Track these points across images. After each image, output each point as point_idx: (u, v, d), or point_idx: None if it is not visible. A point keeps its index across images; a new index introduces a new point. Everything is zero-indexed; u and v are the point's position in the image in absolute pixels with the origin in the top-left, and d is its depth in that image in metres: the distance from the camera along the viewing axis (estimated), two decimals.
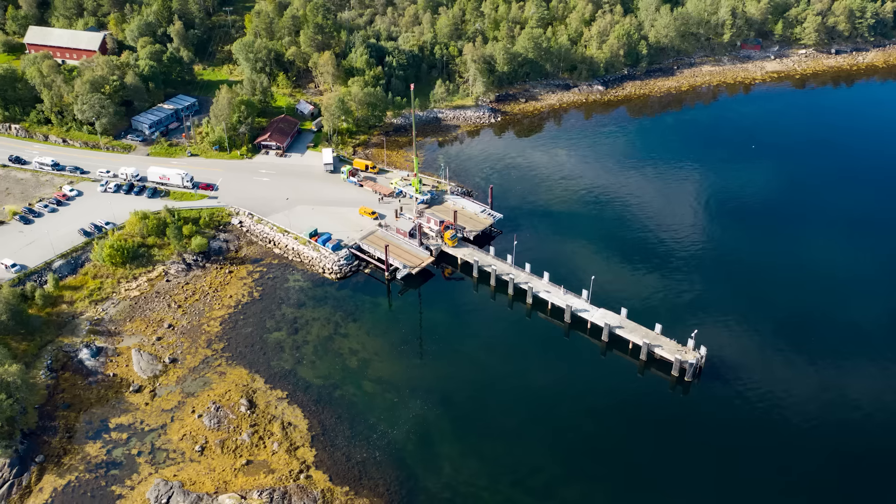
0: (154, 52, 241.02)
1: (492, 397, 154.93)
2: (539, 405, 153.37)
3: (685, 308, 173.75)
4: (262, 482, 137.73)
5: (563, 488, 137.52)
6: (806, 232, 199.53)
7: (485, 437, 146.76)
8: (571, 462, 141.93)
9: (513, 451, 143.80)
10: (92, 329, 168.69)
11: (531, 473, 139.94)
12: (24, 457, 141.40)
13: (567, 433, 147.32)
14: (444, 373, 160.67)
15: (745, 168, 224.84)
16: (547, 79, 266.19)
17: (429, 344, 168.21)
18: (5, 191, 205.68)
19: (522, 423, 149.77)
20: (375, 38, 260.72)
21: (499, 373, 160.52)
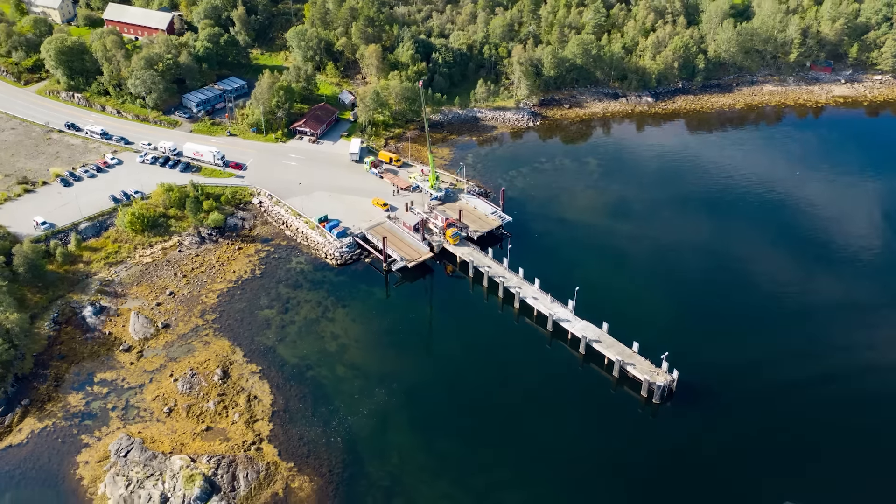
0: (212, 35, 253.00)
1: (458, 396, 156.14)
2: (502, 410, 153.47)
3: (672, 330, 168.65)
4: (215, 448, 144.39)
5: (502, 493, 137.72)
6: (835, 269, 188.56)
7: (440, 433, 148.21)
8: (519, 468, 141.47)
9: (463, 450, 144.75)
10: (101, 289, 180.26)
11: (474, 474, 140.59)
12: (12, 399, 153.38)
13: (524, 440, 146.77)
14: (418, 367, 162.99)
15: (782, 195, 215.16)
16: (596, 86, 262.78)
17: (410, 337, 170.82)
18: (55, 154, 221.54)
19: (481, 425, 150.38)
20: (426, 35, 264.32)
21: (471, 373, 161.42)
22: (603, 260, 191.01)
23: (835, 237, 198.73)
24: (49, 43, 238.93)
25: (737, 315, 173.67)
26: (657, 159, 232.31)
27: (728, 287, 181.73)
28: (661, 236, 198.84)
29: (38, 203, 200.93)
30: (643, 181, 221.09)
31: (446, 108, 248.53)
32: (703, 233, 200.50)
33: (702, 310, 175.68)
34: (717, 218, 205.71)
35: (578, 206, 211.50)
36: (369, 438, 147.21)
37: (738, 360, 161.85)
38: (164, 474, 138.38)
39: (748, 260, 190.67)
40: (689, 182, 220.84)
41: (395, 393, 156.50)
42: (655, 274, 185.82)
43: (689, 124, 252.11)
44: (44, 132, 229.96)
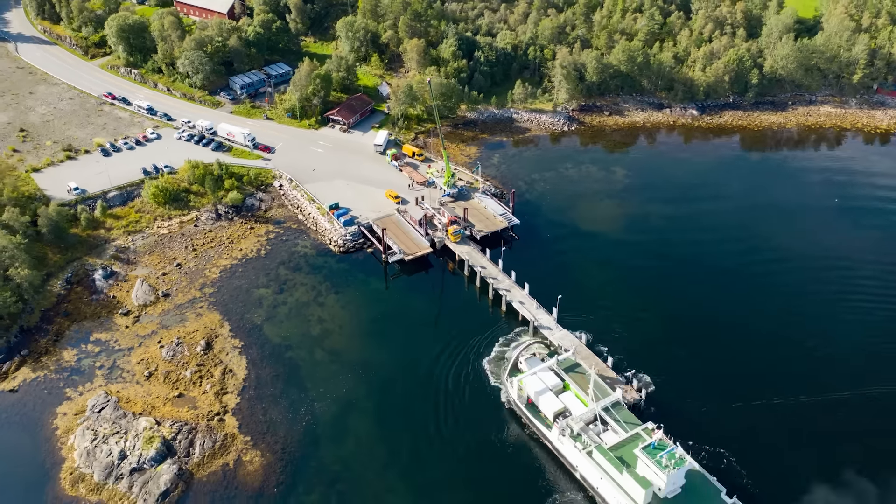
0: (265, 21, 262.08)
1: (430, 394, 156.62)
2: (467, 412, 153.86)
3: (654, 351, 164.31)
4: (181, 415, 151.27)
5: (447, 493, 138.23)
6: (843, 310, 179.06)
7: (402, 428, 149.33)
8: (471, 473, 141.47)
9: (422, 447, 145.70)
10: (115, 255, 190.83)
11: (425, 471, 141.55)
12: (13, 348, 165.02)
13: (484, 446, 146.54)
14: (393, 359, 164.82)
15: (812, 224, 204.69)
16: (641, 95, 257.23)
17: (394, 329, 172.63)
18: (103, 125, 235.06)
19: (443, 424, 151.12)
20: (473, 32, 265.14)
21: (447, 372, 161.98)
22: (603, 272, 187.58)
23: (862, 274, 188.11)
24: (112, 20, 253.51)
25: (728, 346, 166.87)
26: (688, 175, 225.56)
27: (724, 317, 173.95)
28: (671, 256, 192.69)
29: (77, 169, 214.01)
30: (667, 196, 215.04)
31: (482, 107, 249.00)
32: (715, 258, 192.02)
33: (689, 335, 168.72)
34: (735, 243, 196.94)
35: (593, 215, 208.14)
36: (330, 423, 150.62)
37: (712, 387, 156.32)
38: (128, 433, 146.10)
39: (754, 293, 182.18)
40: (715, 202, 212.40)
41: (366, 382, 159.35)
42: (653, 294, 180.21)
43: (732, 141, 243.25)
44: (97, 104, 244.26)
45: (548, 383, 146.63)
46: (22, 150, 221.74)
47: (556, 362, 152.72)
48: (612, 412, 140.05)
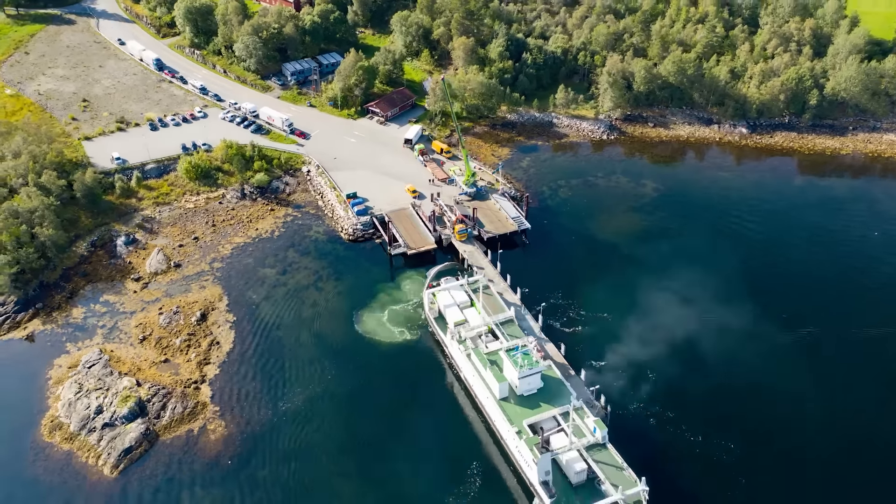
0: (324, 11, 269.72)
1: (404, 390, 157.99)
2: (437, 409, 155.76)
3: (632, 369, 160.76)
4: (161, 379, 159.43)
5: (403, 486, 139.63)
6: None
7: (368, 416, 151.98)
8: (424, 475, 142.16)
9: (384, 436, 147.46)
10: (141, 224, 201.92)
11: (384, 461, 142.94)
12: (30, 300, 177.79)
13: (435, 449, 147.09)
14: (378, 352, 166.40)
15: (848, 258, 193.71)
16: (691, 108, 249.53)
17: (386, 321, 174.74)
18: (157, 101, 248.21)
19: (411, 417, 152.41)
20: (525, 34, 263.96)
21: (426, 371, 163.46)
22: (604, 286, 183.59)
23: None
24: (181, 2, 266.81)
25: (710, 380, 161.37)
26: (721, 195, 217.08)
27: (718, 355, 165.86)
28: (682, 279, 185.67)
29: (123, 141, 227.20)
30: (694, 215, 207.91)
31: (523, 109, 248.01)
32: (727, 287, 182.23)
33: (672, 362, 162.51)
34: (754, 273, 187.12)
35: (610, 227, 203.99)
36: (299, 403, 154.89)
37: (683, 413, 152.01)
38: (109, 390, 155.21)
39: (763, 327, 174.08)
40: (744, 226, 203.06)
41: (345, 369, 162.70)
42: (650, 315, 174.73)
43: (779, 163, 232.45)
44: (157, 80, 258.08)
45: (456, 299, 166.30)
46: (80, 119, 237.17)
47: (467, 283, 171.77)
48: (502, 328, 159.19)
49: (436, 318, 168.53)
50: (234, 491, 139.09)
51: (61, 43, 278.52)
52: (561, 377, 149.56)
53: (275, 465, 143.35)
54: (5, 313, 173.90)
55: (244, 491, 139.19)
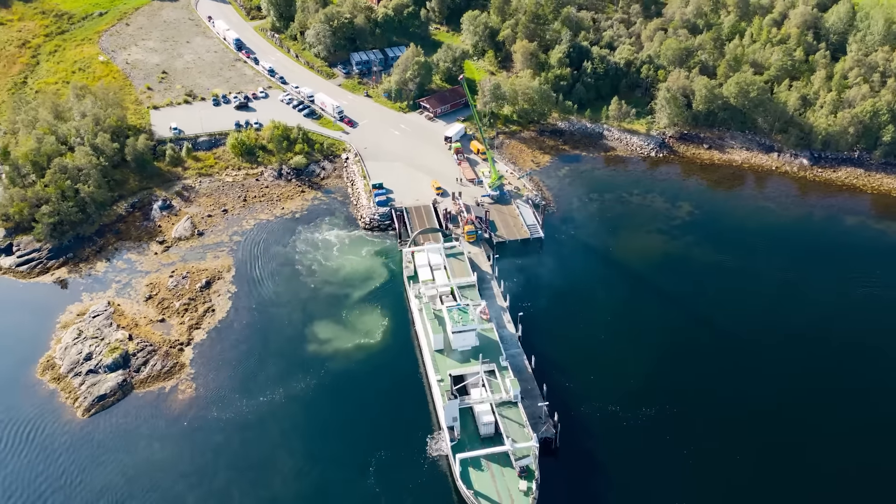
0: (398, 6, 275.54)
1: (378, 383, 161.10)
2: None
3: (599, 392, 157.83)
4: (152, 336, 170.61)
5: (350, 483, 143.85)
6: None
7: (335, 405, 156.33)
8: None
9: (344, 427, 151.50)
10: (179, 192, 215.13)
11: (342, 455, 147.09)
12: (63, 250, 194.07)
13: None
14: (362, 336, 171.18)
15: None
16: (753, 133, 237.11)
17: (377, 312, 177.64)
18: (227, 79, 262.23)
19: (380, 414, 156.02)
20: (592, 43, 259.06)
21: (403, 368, 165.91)
22: (600, 307, 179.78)
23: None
24: None
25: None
26: (760, 226, 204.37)
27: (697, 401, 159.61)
28: (686, 314, 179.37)
29: (186, 112, 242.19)
30: (721, 246, 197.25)
31: (575, 118, 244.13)
32: (738, 328, 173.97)
33: (642, 400, 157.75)
34: (774, 316, 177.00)
35: (630, 246, 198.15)
36: (270, 378, 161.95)
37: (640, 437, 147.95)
38: (104, 340, 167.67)
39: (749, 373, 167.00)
40: (773, 265, 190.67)
41: (324, 351, 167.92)
42: (634, 346, 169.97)
43: (835, 201, 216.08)
44: (233, 60, 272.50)
45: (431, 261, 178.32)
46: (155, 89, 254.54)
47: (443, 248, 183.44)
48: (462, 291, 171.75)
49: (410, 277, 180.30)
50: (185, 450, 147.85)
51: (160, 18, 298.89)
52: (497, 341, 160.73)
53: (229, 433, 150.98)
54: (38, 258, 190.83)
55: (194, 452, 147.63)
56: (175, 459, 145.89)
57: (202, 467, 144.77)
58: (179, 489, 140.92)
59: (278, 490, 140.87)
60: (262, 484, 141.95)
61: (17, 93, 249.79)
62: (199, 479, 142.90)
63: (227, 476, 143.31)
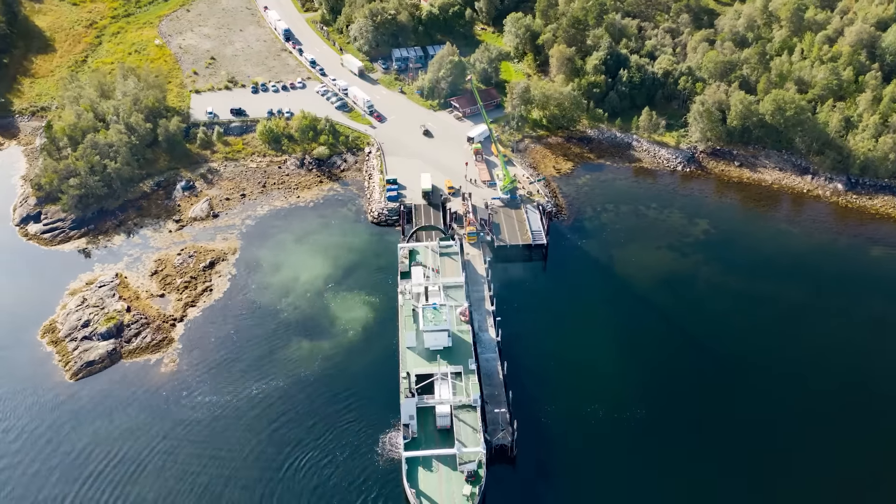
0: (443, 4, 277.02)
1: (355, 377, 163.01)
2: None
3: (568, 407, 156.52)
4: (148, 310, 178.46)
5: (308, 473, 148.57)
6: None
7: (310, 395, 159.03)
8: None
9: (311, 428, 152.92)
10: (204, 174, 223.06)
11: (296, 449, 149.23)
12: (85, 221, 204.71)
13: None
14: (344, 338, 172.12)
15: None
16: (789, 153, 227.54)
17: (367, 307, 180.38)
18: (270, 68, 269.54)
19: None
20: (632, 51, 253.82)
21: (381, 363, 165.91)
22: (588, 320, 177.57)
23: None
24: None
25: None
26: (776, 252, 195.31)
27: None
28: (681, 330, 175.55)
29: (224, 98, 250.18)
30: (732, 267, 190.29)
31: (605, 127, 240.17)
32: (736, 355, 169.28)
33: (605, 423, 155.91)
34: (774, 350, 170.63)
35: (636, 260, 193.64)
36: (251, 363, 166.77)
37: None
38: (103, 309, 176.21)
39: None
40: (782, 293, 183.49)
41: (306, 340, 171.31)
42: (626, 357, 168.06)
43: (865, 230, 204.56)
44: (279, 50, 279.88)
45: (426, 258, 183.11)
46: (200, 73, 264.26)
47: (437, 246, 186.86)
48: (447, 291, 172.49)
49: (403, 273, 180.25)
50: (156, 421, 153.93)
51: (219, 5, 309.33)
52: (471, 343, 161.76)
53: (202, 410, 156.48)
54: (62, 228, 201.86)
55: (165, 425, 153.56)
56: (146, 428, 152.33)
57: (170, 439, 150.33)
58: (144, 457, 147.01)
59: (235, 469, 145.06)
60: (221, 462, 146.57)
61: (75, 70, 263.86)
62: (165, 449, 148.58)
63: (191, 450, 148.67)
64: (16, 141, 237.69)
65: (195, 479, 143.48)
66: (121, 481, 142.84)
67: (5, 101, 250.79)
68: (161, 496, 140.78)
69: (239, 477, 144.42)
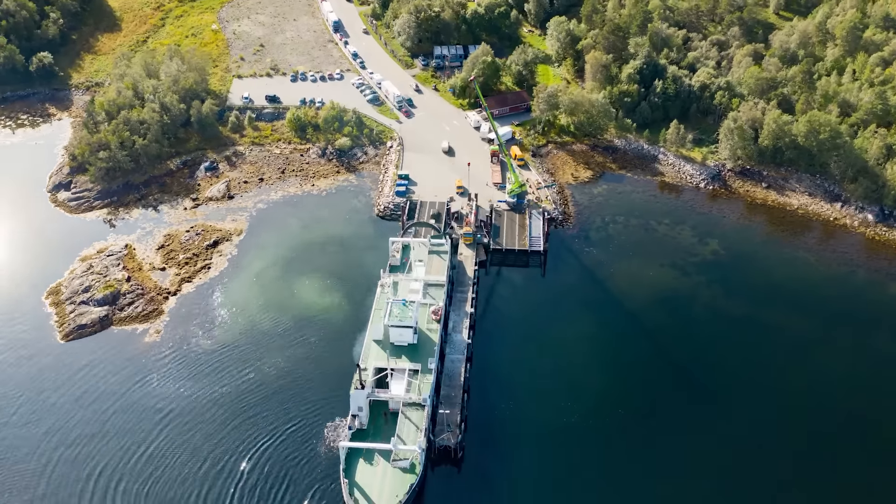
0: (490, 5, 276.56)
1: (325, 365, 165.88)
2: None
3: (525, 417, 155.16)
4: (146, 282, 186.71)
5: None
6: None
7: (275, 388, 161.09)
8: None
9: (271, 413, 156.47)
10: (229, 156, 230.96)
11: (254, 429, 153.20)
12: (109, 193, 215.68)
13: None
14: (321, 328, 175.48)
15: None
16: (822, 178, 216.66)
17: (346, 296, 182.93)
18: (314, 58, 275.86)
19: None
20: (672, 62, 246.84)
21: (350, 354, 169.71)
22: (570, 327, 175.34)
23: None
24: None
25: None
26: (786, 280, 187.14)
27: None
28: (665, 351, 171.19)
29: (262, 85, 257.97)
30: (736, 292, 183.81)
31: (633, 137, 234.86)
32: (713, 382, 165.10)
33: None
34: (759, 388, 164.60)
35: (636, 277, 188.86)
36: (234, 342, 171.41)
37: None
38: (106, 277, 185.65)
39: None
40: (782, 320, 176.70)
41: (286, 327, 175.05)
42: (597, 372, 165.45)
43: (884, 265, 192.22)
44: (326, 40, 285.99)
45: (416, 254, 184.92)
46: (247, 59, 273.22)
47: (429, 242, 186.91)
48: (428, 289, 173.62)
49: (393, 266, 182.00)
50: (127, 388, 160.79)
51: None
52: (437, 343, 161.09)
53: (175, 383, 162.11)
54: (87, 198, 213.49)
55: (138, 392, 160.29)
56: (117, 393, 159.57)
57: (137, 407, 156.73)
58: (108, 420, 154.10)
59: (194, 445, 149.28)
60: (180, 432, 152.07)
61: (134, 50, 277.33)
62: (130, 417, 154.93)
63: (155, 419, 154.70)
64: (67, 113, 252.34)
65: (137, 450, 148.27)
66: (73, 443, 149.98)
67: (65, 75, 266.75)
68: (100, 464, 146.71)
69: (197, 453, 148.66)
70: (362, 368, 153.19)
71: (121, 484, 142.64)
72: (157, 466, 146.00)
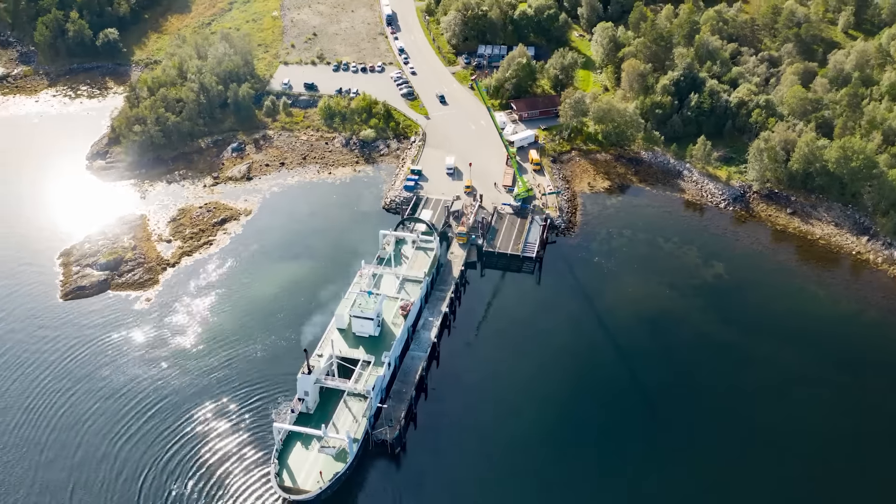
0: (540, 7, 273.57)
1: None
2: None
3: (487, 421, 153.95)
4: (149, 252, 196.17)
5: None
6: None
7: (246, 369, 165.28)
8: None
9: (236, 391, 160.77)
10: (257, 139, 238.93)
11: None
12: (138, 164, 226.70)
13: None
14: (297, 315, 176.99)
15: None
16: (854, 209, 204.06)
17: (339, 285, 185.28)
18: (361, 49, 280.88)
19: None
20: (713, 76, 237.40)
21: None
22: (543, 338, 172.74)
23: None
24: None
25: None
26: (788, 313, 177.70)
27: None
28: (642, 373, 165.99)
29: (304, 72, 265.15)
30: (731, 320, 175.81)
31: (660, 150, 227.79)
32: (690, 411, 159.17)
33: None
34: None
35: (624, 291, 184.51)
36: (226, 316, 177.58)
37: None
38: (114, 243, 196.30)
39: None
40: (776, 355, 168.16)
41: (269, 311, 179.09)
42: (562, 386, 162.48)
43: None
44: (377, 33, 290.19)
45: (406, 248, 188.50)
46: (297, 47, 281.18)
47: (417, 237, 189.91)
48: (405, 282, 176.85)
49: (381, 259, 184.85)
50: (111, 351, 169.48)
51: None
52: (398, 337, 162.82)
53: (157, 349, 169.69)
54: (118, 168, 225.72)
55: (117, 355, 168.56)
56: (99, 356, 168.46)
57: (118, 372, 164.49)
58: (88, 381, 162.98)
59: (156, 417, 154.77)
60: (148, 402, 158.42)
61: (198, 31, 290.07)
62: (109, 380, 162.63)
63: (130, 388, 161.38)
64: (123, 87, 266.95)
65: (90, 419, 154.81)
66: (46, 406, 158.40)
67: (128, 52, 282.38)
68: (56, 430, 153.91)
69: (162, 425, 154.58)
70: (318, 354, 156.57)
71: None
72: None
